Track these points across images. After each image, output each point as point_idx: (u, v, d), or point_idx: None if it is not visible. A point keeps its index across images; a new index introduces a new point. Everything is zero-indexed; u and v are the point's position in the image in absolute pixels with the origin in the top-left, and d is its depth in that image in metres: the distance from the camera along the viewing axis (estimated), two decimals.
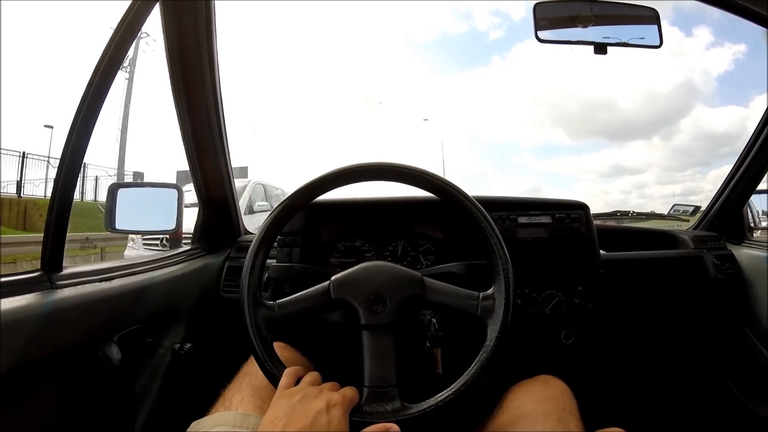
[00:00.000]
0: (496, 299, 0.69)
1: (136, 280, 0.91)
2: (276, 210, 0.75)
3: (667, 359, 1.27)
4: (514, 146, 21.20)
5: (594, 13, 0.99)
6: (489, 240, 0.73)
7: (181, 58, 0.99)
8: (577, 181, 18.35)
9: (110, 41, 0.77)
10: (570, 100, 23.17)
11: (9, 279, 0.71)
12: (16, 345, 0.66)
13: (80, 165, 0.77)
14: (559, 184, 39.45)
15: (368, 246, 1.07)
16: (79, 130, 0.76)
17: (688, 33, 28.59)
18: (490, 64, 27.69)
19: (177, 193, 1.08)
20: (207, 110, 1.06)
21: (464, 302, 0.70)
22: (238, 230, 1.30)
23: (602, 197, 41.59)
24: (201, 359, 1.04)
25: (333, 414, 0.57)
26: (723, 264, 1.20)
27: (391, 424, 0.60)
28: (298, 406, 0.58)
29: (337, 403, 0.59)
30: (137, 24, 0.78)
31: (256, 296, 0.69)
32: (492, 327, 0.68)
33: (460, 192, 0.76)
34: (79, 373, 0.80)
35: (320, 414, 0.56)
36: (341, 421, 0.57)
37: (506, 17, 27.92)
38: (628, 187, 21.50)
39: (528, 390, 0.76)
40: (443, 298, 0.71)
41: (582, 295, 1.00)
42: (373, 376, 0.66)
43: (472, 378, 0.65)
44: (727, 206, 1.29)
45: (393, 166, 0.77)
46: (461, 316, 0.70)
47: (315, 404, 0.58)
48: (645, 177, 19.84)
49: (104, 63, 0.76)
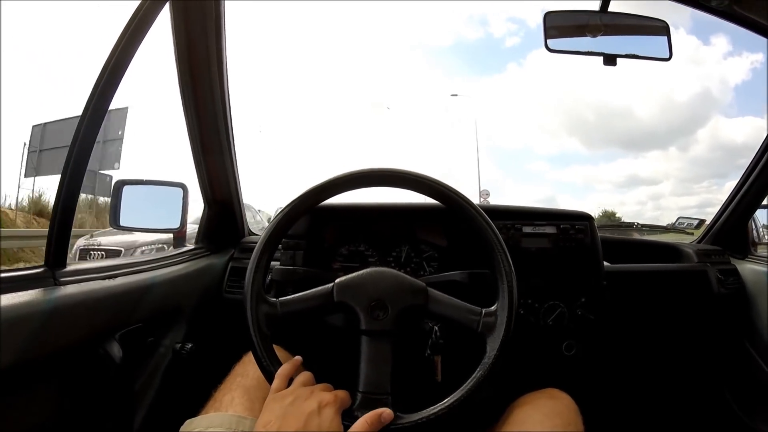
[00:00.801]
0: (498, 317, 0.68)
1: (139, 279, 0.91)
2: (283, 212, 0.75)
3: (669, 372, 1.26)
4: (528, 154, 21.24)
5: (603, 23, 0.99)
6: (493, 251, 0.72)
7: (189, 58, 0.99)
8: (592, 191, 18.33)
9: (119, 39, 0.77)
10: (586, 108, 23.17)
11: (12, 274, 0.71)
12: (18, 341, 0.66)
13: (86, 162, 0.77)
14: (573, 194, 39.13)
15: (372, 251, 1.06)
16: (86, 128, 0.76)
17: (705, 41, 28.51)
18: (505, 71, 27.66)
19: (182, 192, 1.09)
20: (214, 110, 1.06)
21: (466, 317, 0.70)
22: (243, 231, 1.30)
23: (618, 208, 41.27)
24: (201, 360, 1.04)
25: (325, 414, 0.57)
26: (726, 278, 1.20)
27: (385, 409, 0.61)
28: (290, 409, 0.58)
29: (329, 403, 0.59)
30: (147, 23, 0.78)
31: (260, 293, 0.69)
32: (491, 344, 0.67)
33: (465, 200, 0.75)
34: (79, 371, 0.80)
35: (312, 415, 0.56)
36: (333, 421, 0.57)
37: (522, 24, 27.62)
38: (643, 197, 21.55)
39: (534, 403, 0.75)
40: (445, 310, 0.71)
41: (585, 307, 1.00)
42: (368, 382, 0.65)
43: (467, 393, 0.64)
44: (731, 220, 1.29)
45: (399, 172, 0.76)
46: (461, 329, 0.70)
47: (307, 405, 0.58)
48: (661, 188, 19.87)
49: (113, 61, 0.76)
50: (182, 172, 1.20)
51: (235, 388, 0.75)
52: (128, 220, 1.04)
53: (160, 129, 12.48)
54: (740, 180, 1.24)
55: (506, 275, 0.70)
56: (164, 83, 1.14)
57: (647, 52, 1.00)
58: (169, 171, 4.17)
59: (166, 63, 1.00)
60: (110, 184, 6.90)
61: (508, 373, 0.70)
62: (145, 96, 10.54)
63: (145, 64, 0.81)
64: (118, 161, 7.48)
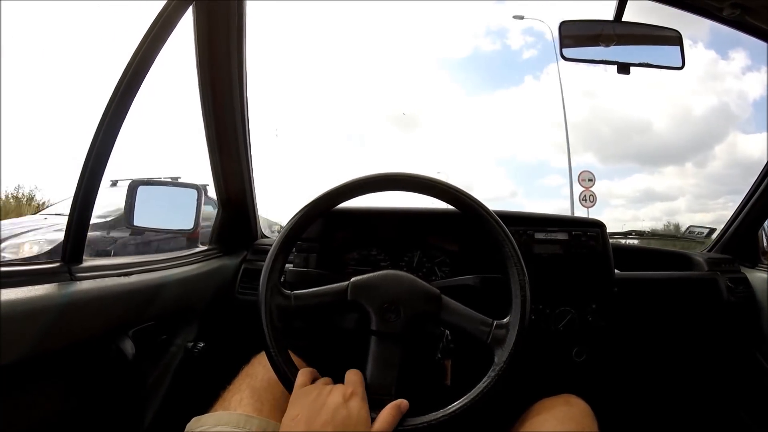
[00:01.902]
0: (509, 330, 0.68)
1: (153, 277, 0.92)
2: (298, 215, 0.75)
3: (678, 380, 1.26)
4: (544, 168, 20.95)
5: (617, 33, 1.00)
6: (507, 255, 0.72)
7: (210, 60, 1.00)
8: (606, 206, 18.18)
9: (143, 39, 0.78)
10: (602, 121, 22.96)
11: (29, 268, 0.72)
12: (33, 334, 0.66)
13: (107, 158, 0.78)
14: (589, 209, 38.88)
15: (384, 255, 1.07)
16: (108, 124, 0.77)
17: (724, 56, 28.11)
18: (523, 83, 27.60)
19: (197, 194, 1.09)
20: (232, 112, 1.07)
21: (477, 327, 0.69)
22: (256, 233, 1.30)
23: (632, 224, 41.02)
24: (213, 359, 1.04)
25: (352, 405, 0.58)
26: (736, 287, 1.19)
27: (402, 400, 0.62)
28: (316, 404, 0.58)
29: (353, 394, 0.59)
30: (171, 23, 0.80)
31: (276, 286, 0.70)
32: (499, 356, 0.67)
33: (479, 205, 0.76)
34: (92, 366, 0.81)
35: (339, 408, 0.57)
36: (361, 410, 0.58)
37: (540, 36, 27.33)
38: (658, 213, 21.28)
39: (550, 409, 0.75)
40: (456, 319, 0.70)
41: (595, 313, 1.00)
42: (372, 381, 0.65)
43: (471, 402, 0.64)
44: (741, 229, 1.29)
45: (413, 176, 0.77)
46: (470, 340, 0.70)
47: (332, 399, 0.58)
48: (677, 204, 19.60)
49: (137, 60, 0.77)
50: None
51: (244, 388, 0.75)
52: (142, 219, 1.05)
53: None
54: (750, 189, 1.24)
55: (521, 287, 0.70)
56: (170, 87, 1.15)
57: (660, 61, 1.01)
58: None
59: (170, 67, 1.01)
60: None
61: (518, 378, 0.70)
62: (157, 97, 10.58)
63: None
64: None
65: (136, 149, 4.73)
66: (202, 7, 0.93)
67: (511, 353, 0.66)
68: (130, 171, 4.74)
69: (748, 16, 0.92)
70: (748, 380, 1.24)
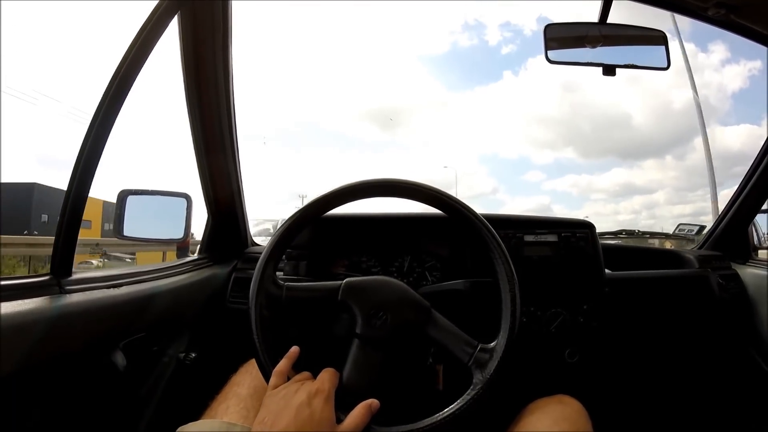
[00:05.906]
0: (493, 356, 0.66)
1: (143, 288, 0.91)
2: (288, 221, 0.75)
3: (673, 379, 1.26)
4: (524, 164, 21.07)
5: (602, 34, 1.00)
6: (496, 259, 0.72)
7: (196, 67, 0.99)
8: (587, 200, 18.06)
9: (131, 45, 0.78)
10: (582, 117, 23.08)
11: (18, 282, 0.72)
12: (23, 348, 0.66)
13: (95, 169, 0.78)
14: (569, 203, 39.12)
15: (374, 261, 1.07)
16: (95, 134, 0.76)
17: (703, 48, 28.41)
18: (502, 78, 27.75)
19: (186, 203, 1.09)
20: (219, 120, 1.07)
21: (460, 347, 0.68)
22: (246, 242, 1.30)
23: (612, 217, 41.18)
24: (205, 369, 1.03)
25: (315, 404, 0.57)
26: (728, 283, 1.20)
27: (372, 400, 0.61)
28: (281, 403, 0.58)
29: (318, 392, 0.59)
30: (160, 27, 0.80)
31: (270, 275, 0.70)
32: (478, 378, 0.65)
33: (468, 210, 0.76)
34: (83, 378, 0.80)
35: (302, 407, 0.56)
36: (324, 409, 0.57)
37: (519, 32, 27.40)
38: (638, 207, 21.20)
39: (544, 409, 0.75)
40: (441, 336, 0.69)
41: (587, 314, 1.00)
42: (348, 384, 0.64)
43: (440, 422, 0.63)
44: (732, 226, 1.30)
45: (402, 182, 0.77)
46: (451, 359, 0.69)
47: (296, 398, 0.58)
48: (656, 197, 19.55)
49: (124, 66, 0.77)
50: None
51: (231, 396, 0.75)
52: (132, 230, 1.04)
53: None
54: (740, 185, 1.24)
55: (512, 300, 0.69)
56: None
57: (646, 62, 1.01)
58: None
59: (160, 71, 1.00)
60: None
61: (511, 381, 0.70)
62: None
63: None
64: None
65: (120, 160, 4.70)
66: (187, 11, 0.92)
67: (490, 379, 0.65)
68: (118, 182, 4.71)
69: (733, 15, 0.93)
70: (743, 377, 1.24)
